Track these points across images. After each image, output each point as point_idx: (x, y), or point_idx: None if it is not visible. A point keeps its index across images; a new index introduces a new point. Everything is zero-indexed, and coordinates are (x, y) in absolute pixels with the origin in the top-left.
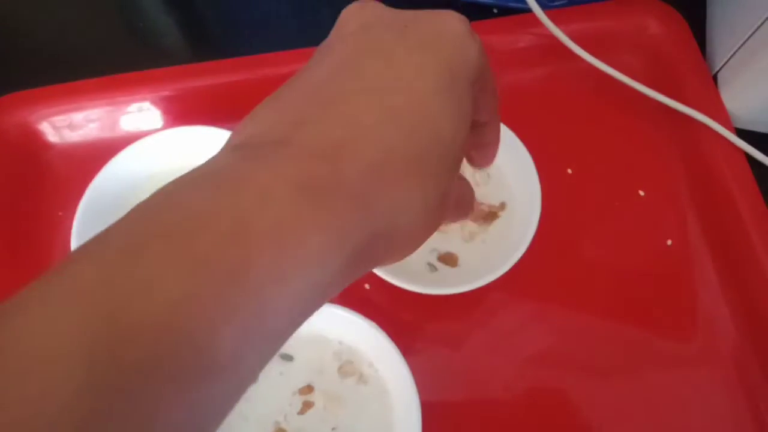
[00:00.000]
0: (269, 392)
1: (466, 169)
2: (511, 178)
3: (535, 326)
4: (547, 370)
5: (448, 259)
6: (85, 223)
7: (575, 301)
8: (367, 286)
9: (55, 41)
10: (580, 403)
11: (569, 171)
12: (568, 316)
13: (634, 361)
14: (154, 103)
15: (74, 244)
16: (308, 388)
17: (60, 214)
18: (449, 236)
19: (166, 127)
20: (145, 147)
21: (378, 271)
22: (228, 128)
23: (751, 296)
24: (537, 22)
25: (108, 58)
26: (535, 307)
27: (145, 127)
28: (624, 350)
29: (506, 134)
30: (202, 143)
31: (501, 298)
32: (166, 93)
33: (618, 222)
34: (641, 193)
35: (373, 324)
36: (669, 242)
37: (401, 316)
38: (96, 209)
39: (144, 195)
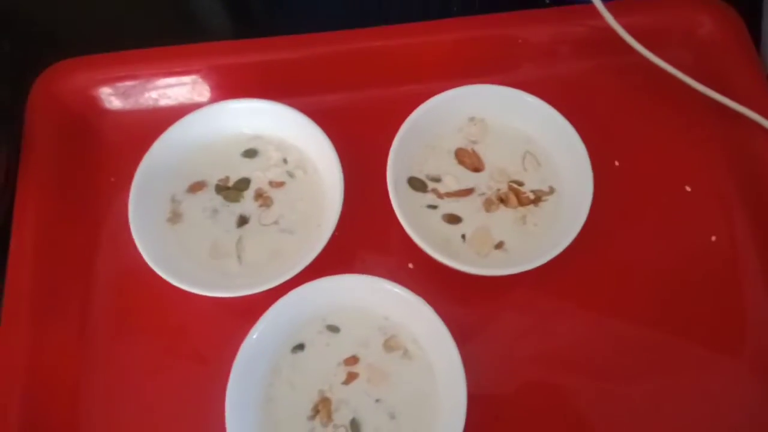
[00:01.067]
0: (315, 362)
1: (515, 155)
2: (562, 165)
3: (577, 315)
4: (587, 359)
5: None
6: (141, 190)
7: (617, 291)
8: (410, 265)
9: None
10: (615, 397)
11: (616, 163)
12: (610, 306)
13: (672, 355)
14: (208, 75)
15: (132, 211)
16: (353, 359)
17: (112, 180)
18: (501, 218)
19: (219, 99)
20: (199, 118)
21: (425, 246)
22: (277, 102)
23: None
24: (589, 14)
25: (155, 36)
26: (578, 295)
27: (198, 99)
28: (663, 345)
29: (560, 122)
30: (254, 116)
31: (544, 283)
32: (219, 66)
33: (663, 216)
34: (687, 188)
35: (422, 300)
36: (713, 238)
37: (444, 296)
38: (151, 177)
39: (196, 165)
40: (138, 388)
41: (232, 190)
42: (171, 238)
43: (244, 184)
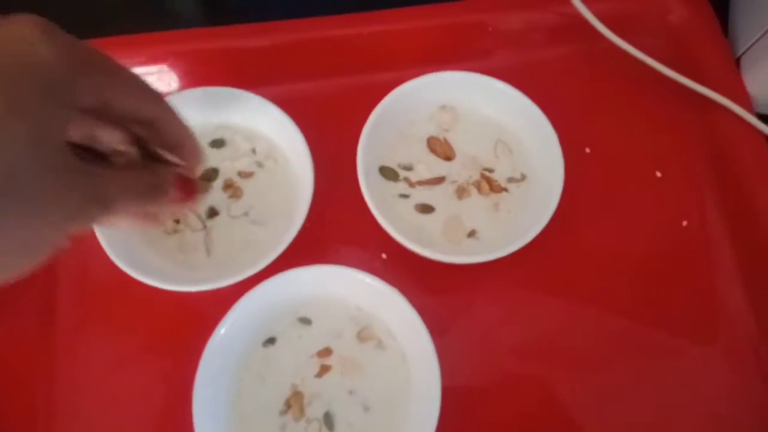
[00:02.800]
0: (287, 355)
1: (487, 142)
2: (533, 152)
3: (550, 302)
4: (561, 347)
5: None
6: None
7: (589, 278)
8: (384, 255)
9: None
10: (591, 384)
11: (587, 150)
12: (583, 293)
13: (645, 341)
14: (175, 64)
15: None
16: (326, 351)
17: None
18: (473, 206)
19: (182, 88)
20: None
21: (397, 236)
22: (245, 90)
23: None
24: (560, 1)
25: (120, 22)
26: (550, 281)
27: (164, 89)
28: (636, 331)
29: (531, 109)
30: (221, 105)
31: (517, 271)
32: (186, 54)
33: (634, 202)
34: (658, 174)
35: (395, 290)
36: (684, 223)
37: (418, 286)
38: None
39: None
40: (104, 384)
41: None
42: (136, 232)
43: (212, 174)
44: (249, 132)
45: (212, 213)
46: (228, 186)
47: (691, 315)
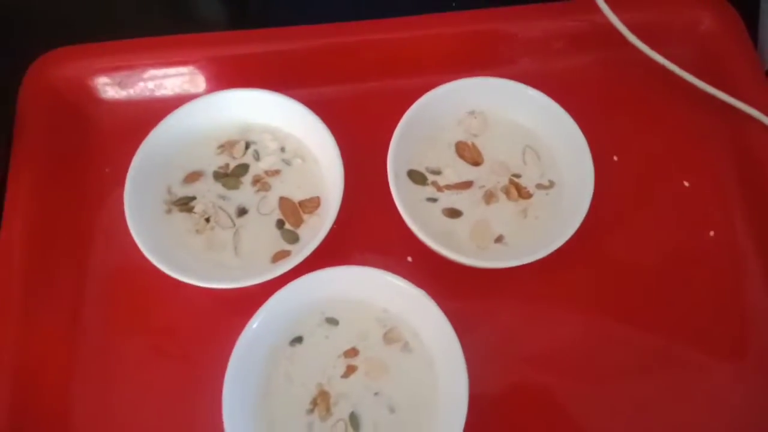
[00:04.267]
0: (314, 355)
1: (515, 148)
2: (562, 159)
3: (573, 310)
4: (586, 356)
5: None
6: (137, 181)
7: (615, 286)
8: (409, 258)
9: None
10: (613, 394)
11: (615, 158)
12: (609, 301)
13: (670, 351)
14: (206, 66)
15: (127, 200)
16: (353, 351)
17: (107, 170)
18: (501, 211)
19: (215, 90)
20: (196, 108)
21: (425, 238)
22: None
23: None
24: (590, 9)
25: (143, 25)
26: (576, 289)
27: (194, 90)
28: (662, 341)
29: (561, 116)
30: (252, 106)
31: (543, 278)
32: (217, 57)
33: (661, 211)
34: (686, 183)
35: (424, 292)
36: (711, 233)
37: (443, 290)
38: (147, 167)
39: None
40: (133, 382)
41: (231, 177)
42: (166, 229)
43: (242, 170)
44: (278, 132)
45: (242, 212)
46: (257, 180)
47: (718, 327)
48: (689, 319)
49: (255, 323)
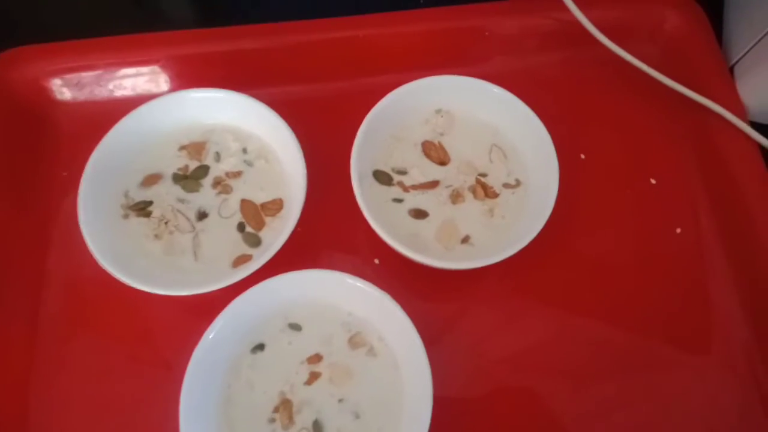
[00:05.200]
0: (276, 362)
1: (482, 147)
2: (528, 157)
3: (541, 309)
4: (553, 356)
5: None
6: (93, 183)
7: (582, 285)
8: (376, 261)
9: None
10: (582, 394)
11: (582, 156)
12: (576, 300)
13: (638, 349)
14: (167, 65)
15: (81, 206)
16: (316, 357)
17: (65, 174)
18: (467, 211)
19: (174, 89)
20: (155, 109)
21: (390, 241)
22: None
23: (761, 287)
24: (557, 6)
25: (111, 22)
26: (543, 288)
27: (156, 90)
28: (629, 338)
29: (527, 114)
30: (212, 106)
31: (511, 278)
32: (179, 56)
33: (628, 208)
34: (653, 181)
35: (387, 295)
36: (678, 230)
37: (410, 292)
38: (103, 170)
39: (152, 157)
40: (90, 390)
41: (190, 179)
42: (123, 234)
43: (202, 172)
44: (240, 132)
45: (202, 215)
46: (217, 183)
47: (685, 323)
48: (657, 315)
49: (211, 333)
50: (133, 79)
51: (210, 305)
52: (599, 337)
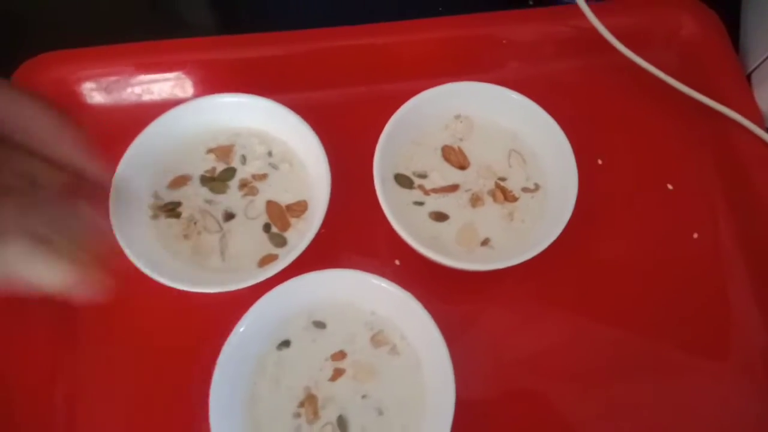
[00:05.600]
0: (301, 358)
1: (501, 152)
2: (547, 162)
3: (558, 312)
4: (572, 359)
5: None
6: (124, 183)
7: (599, 289)
8: (397, 262)
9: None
10: (597, 396)
11: (599, 162)
12: (592, 304)
13: (655, 352)
14: (193, 71)
15: (112, 205)
16: (340, 354)
17: None
18: (487, 214)
19: (199, 94)
20: (184, 112)
21: (412, 243)
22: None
23: None
24: (573, 14)
25: (135, 29)
26: (561, 292)
27: (182, 95)
28: (646, 342)
29: (546, 119)
30: (240, 110)
31: (529, 282)
32: (205, 62)
33: (645, 214)
34: (669, 186)
35: (410, 295)
36: (695, 235)
37: (429, 294)
38: (134, 170)
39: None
40: (118, 387)
41: (217, 181)
42: (152, 234)
43: (229, 174)
44: (265, 136)
45: (229, 216)
46: (243, 185)
47: (702, 329)
48: (673, 320)
49: (242, 327)
50: (160, 85)
51: (236, 304)
52: (616, 340)
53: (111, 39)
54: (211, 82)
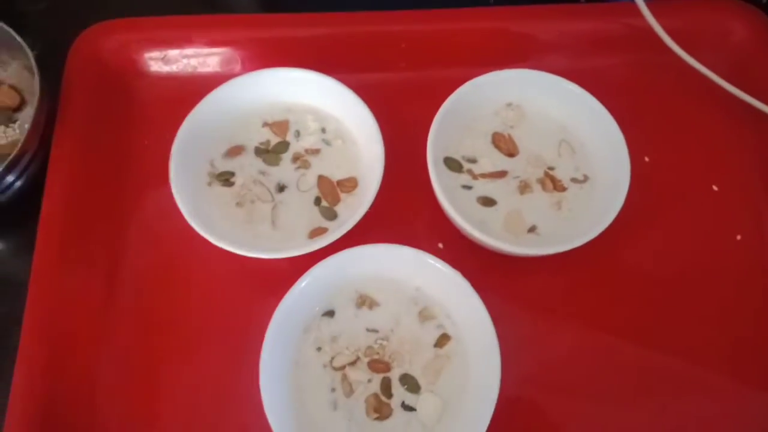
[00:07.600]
0: (344, 329)
1: (550, 141)
2: (596, 154)
3: (599, 305)
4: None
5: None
6: (184, 149)
7: (639, 287)
8: (440, 245)
9: None
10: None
11: (646, 159)
12: (632, 302)
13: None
14: (249, 47)
15: (173, 170)
16: (383, 327)
17: (146, 143)
18: (535, 202)
19: (253, 70)
20: (242, 84)
21: (464, 224)
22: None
23: None
24: (630, 12)
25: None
26: (604, 284)
27: (238, 69)
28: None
29: (599, 111)
30: (296, 85)
31: (574, 271)
32: (262, 38)
33: (689, 213)
34: (715, 188)
35: (457, 273)
36: (738, 237)
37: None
38: (193, 138)
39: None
40: (165, 347)
41: (271, 153)
42: (207, 200)
43: (283, 147)
44: (319, 113)
45: (281, 188)
46: (296, 158)
47: (744, 333)
48: (714, 317)
49: (290, 298)
50: (216, 58)
51: (283, 274)
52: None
53: (162, 11)
54: (268, 58)
